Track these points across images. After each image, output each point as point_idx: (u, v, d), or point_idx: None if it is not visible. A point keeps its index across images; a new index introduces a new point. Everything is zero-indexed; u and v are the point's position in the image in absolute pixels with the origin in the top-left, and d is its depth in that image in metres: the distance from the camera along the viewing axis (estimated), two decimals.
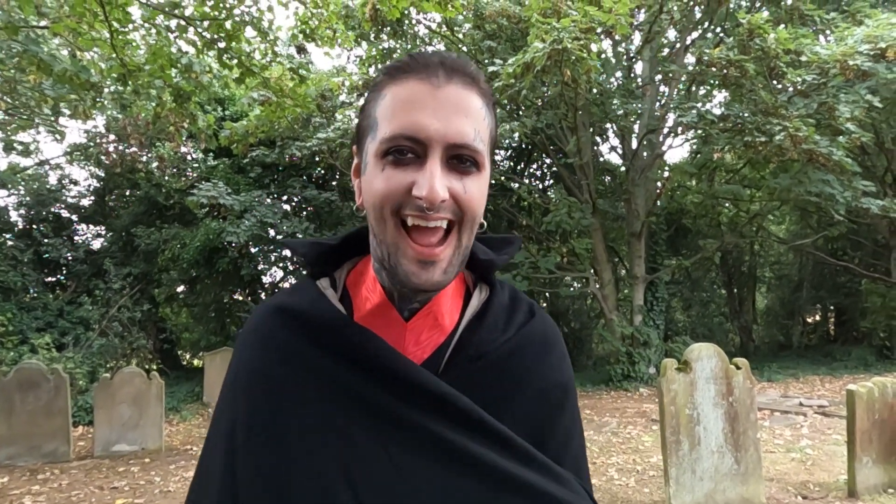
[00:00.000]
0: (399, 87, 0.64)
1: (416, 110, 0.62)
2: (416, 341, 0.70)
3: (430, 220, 0.62)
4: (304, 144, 10.47)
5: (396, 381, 0.66)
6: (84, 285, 11.69)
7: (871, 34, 7.61)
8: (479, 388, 0.69)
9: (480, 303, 0.75)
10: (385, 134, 0.63)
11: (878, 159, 13.09)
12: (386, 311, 0.70)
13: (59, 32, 5.08)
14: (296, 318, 0.70)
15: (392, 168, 0.63)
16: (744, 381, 4.10)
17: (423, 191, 0.60)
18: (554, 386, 0.74)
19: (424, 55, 0.65)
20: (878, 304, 13.31)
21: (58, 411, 6.38)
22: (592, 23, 7.12)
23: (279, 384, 0.67)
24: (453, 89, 0.63)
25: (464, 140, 0.62)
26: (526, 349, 0.73)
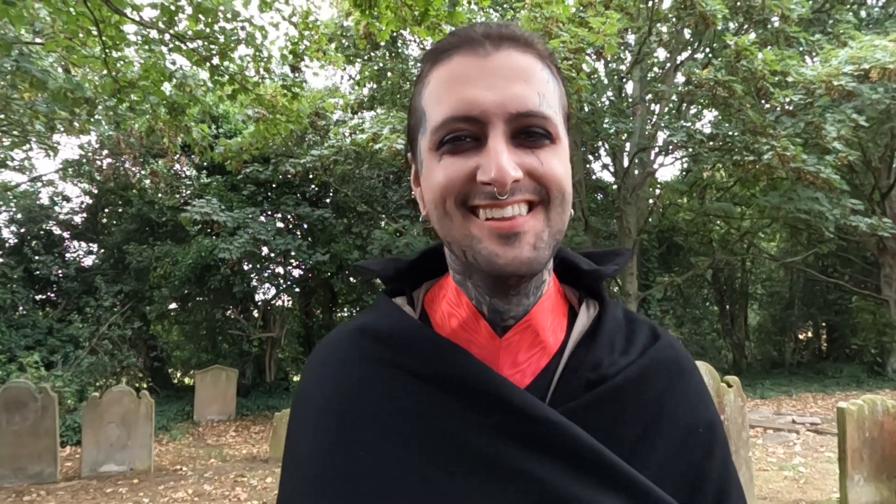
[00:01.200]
0: (442, 66, 0.55)
1: (464, 86, 0.53)
2: (512, 362, 0.58)
3: (505, 205, 0.52)
4: (297, 161, 10.51)
5: (496, 409, 0.53)
6: (74, 303, 11.59)
7: (855, 55, 7.76)
8: (603, 423, 0.55)
9: (590, 319, 0.63)
10: (435, 122, 0.54)
11: (865, 177, 13.27)
12: (475, 324, 0.58)
13: (53, 50, 5.11)
14: (374, 338, 0.60)
15: (450, 157, 0.53)
16: (735, 398, 4.10)
17: (490, 173, 0.50)
18: (701, 423, 0.60)
19: (466, 28, 0.55)
20: (869, 321, 13.38)
21: (45, 431, 6.28)
22: (582, 43, 7.23)
23: (352, 420, 0.56)
24: (504, 55, 0.53)
25: (527, 107, 0.52)
26: (659, 375, 0.60)
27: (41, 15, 5.48)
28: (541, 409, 0.53)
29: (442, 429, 0.53)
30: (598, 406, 0.56)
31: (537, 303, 0.59)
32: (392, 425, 0.54)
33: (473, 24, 0.56)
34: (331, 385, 0.60)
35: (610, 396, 0.56)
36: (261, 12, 5.60)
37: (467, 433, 0.53)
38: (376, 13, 4.89)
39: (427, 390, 0.55)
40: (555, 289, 0.63)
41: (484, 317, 0.58)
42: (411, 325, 0.60)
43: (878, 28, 10.68)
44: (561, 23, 7.34)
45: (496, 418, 0.53)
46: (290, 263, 12.72)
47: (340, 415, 0.57)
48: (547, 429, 0.52)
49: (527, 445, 0.52)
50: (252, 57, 5.84)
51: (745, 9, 9.18)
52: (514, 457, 0.52)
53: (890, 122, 10.92)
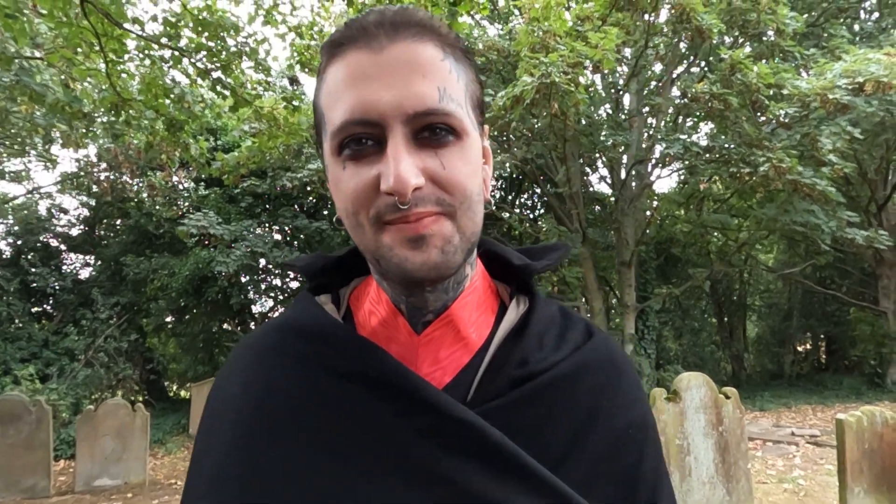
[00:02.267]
0: (337, 63, 0.51)
1: (360, 85, 0.49)
2: (433, 360, 0.56)
3: (410, 218, 0.49)
4: (295, 175, 10.53)
5: (412, 409, 0.51)
6: (70, 315, 11.54)
7: (849, 69, 7.83)
8: (529, 423, 0.53)
9: (519, 315, 0.60)
10: (334, 125, 0.51)
11: (861, 189, 13.33)
12: (393, 322, 0.57)
13: (54, 63, 5.14)
14: (295, 335, 0.58)
15: (353, 165, 0.51)
16: (733, 410, 4.09)
17: (388, 181, 0.47)
18: (634, 423, 0.58)
19: (360, 18, 0.52)
20: (867, 332, 13.38)
21: (39, 444, 6.23)
22: (580, 57, 7.29)
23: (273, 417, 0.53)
24: (400, 47, 0.50)
25: (426, 105, 0.49)
26: (593, 374, 0.57)
27: (42, 30, 5.52)
28: (456, 409, 0.51)
29: (359, 428, 0.52)
30: (523, 405, 0.53)
31: (458, 297, 0.57)
32: (309, 422, 0.52)
33: (368, 11, 0.52)
34: (244, 381, 0.57)
35: (537, 395, 0.54)
36: (265, 26, 5.65)
37: (383, 432, 0.51)
38: None
39: (346, 388, 0.53)
40: (484, 285, 0.61)
41: (403, 314, 0.56)
42: (329, 323, 0.57)
43: (872, 42, 10.79)
44: (559, 37, 7.40)
45: (412, 418, 0.51)
46: (287, 276, 12.71)
47: (257, 409, 0.54)
48: (462, 429, 0.50)
49: (442, 446, 0.50)
50: (255, 69, 5.88)
51: (740, 23, 9.26)
52: (429, 457, 0.50)
53: (885, 134, 11.00)
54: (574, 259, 11.74)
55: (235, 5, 5.49)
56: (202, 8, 5.13)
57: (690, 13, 8.21)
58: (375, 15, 0.51)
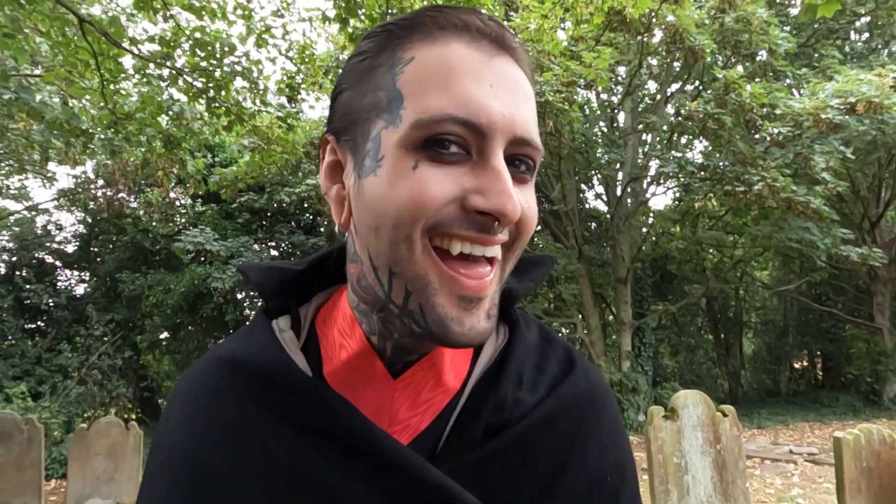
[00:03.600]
0: (434, 47, 0.44)
1: (470, 83, 0.42)
2: (411, 403, 0.50)
3: (488, 244, 0.43)
4: (292, 190, 10.57)
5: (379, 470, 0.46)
6: (65, 332, 11.46)
7: (841, 89, 7.95)
8: (502, 476, 0.48)
9: (497, 349, 0.55)
10: (422, 113, 0.42)
11: (854, 207, 13.43)
12: (369, 362, 0.50)
13: (52, 81, 5.17)
14: (244, 375, 0.50)
15: (432, 166, 0.42)
16: (731, 428, 4.07)
17: (494, 200, 0.41)
18: (611, 467, 0.54)
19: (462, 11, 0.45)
20: (863, 349, 13.38)
21: (30, 464, 6.14)
22: (574, 77, 7.37)
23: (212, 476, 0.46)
24: (506, 62, 0.45)
25: (530, 134, 0.44)
26: (568, 416, 0.53)
27: (42, 49, 5.56)
28: (427, 473, 0.45)
29: (320, 489, 0.45)
30: (497, 458, 0.49)
31: None
32: (263, 482, 0.46)
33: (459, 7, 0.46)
34: (189, 432, 0.49)
35: (510, 445, 0.49)
36: (257, 48, 5.70)
37: (347, 495, 0.45)
38: None
39: (306, 442, 0.47)
40: None
41: (379, 353, 0.50)
42: (286, 368, 0.49)
43: (862, 62, 10.96)
44: (553, 56, 7.49)
45: (379, 480, 0.46)
46: None
47: (198, 467, 0.47)
48: (430, 493, 0.45)
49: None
50: (249, 89, 5.92)
51: (732, 43, 9.41)
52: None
53: (877, 152, 11.11)
54: (570, 276, 11.76)
55: (229, 26, 5.54)
56: (196, 28, 5.18)
57: (683, 34, 8.34)
58: (475, 16, 0.45)
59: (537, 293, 12.58)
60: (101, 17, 4.86)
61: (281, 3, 5.52)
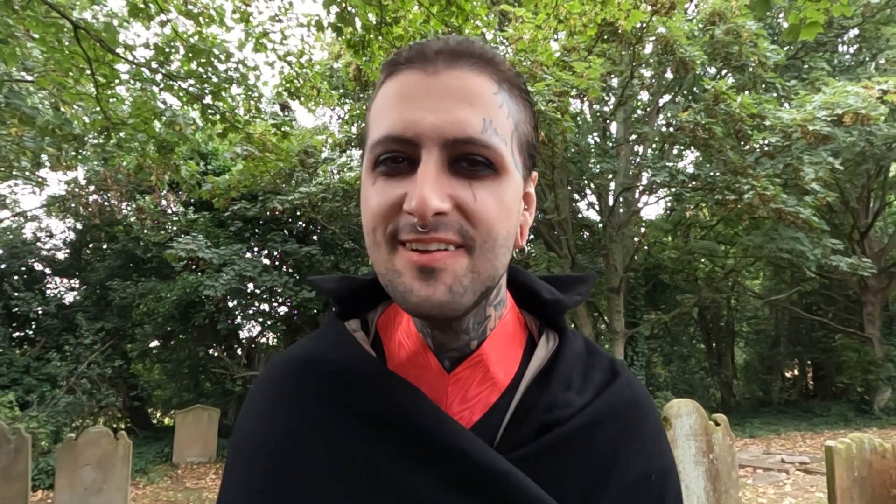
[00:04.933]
0: (391, 82, 0.51)
1: (406, 103, 0.49)
2: (462, 398, 0.54)
3: (428, 241, 0.47)
4: (285, 199, 10.55)
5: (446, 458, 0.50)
6: (54, 340, 11.34)
7: (828, 101, 8.04)
8: (553, 472, 0.52)
9: (548, 353, 0.59)
10: (373, 139, 0.50)
11: (844, 217, 13.57)
12: (422, 358, 0.55)
13: (45, 86, 5.16)
14: (318, 373, 0.56)
15: (384, 181, 0.49)
16: (723, 437, 4.08)
17: (411, 202, 0.46)
18: (656, 471, 0.57)
19: (426, 42, 0.51)
20: (854, 359, 13.46)
21: (17, 475, 6.05)
22: (566, 87, 7.43)
23: (289, 465, 0.52)
24: (455, 74, 0.49)
25: (466, 132, 0.47)
26: (615, 419, 0.56)
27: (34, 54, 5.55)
28: (492, 460, 0.50)
29: (387, 476, 0.50)
30: (549, 454, 0.52)
31: (488, 337, 0.56)
32: (333, 471, 0.51)
33: (435, 37, 0.53)
34: (268, 426, 0.55)
35: (562, 442, 0.53)
36: (255, 53, 5.71)
37: (414, 481, 0.49)
38: (369, 54, 5.00)
39: (374, 433, 0.52)
40: (513, 317, 0.60)
41: (431, 349, 0.55)
42: (360, 359, 0.55)
43: (850, 74, 11.11)
44: (546, 66, 7.54)
45: (446, 467, 0.50)
46: (276, 300, 12.62)
47: (277, 459, 0.52)
48: (498, 481, 0.49)
49: (476, 497, 0.49)
50: (244, 96, 5.92)
51: (723, 55, 9.51)
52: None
53: (865, 164, 11.25)
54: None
55: (226, 31, 5.55)
56: (193, 33, 5.18)
57: (674, 45, 8.43)
58: (439, 42, 0.51)
59: None
60: (94, 22, 4.86)
61: (279, 9, 5.53)
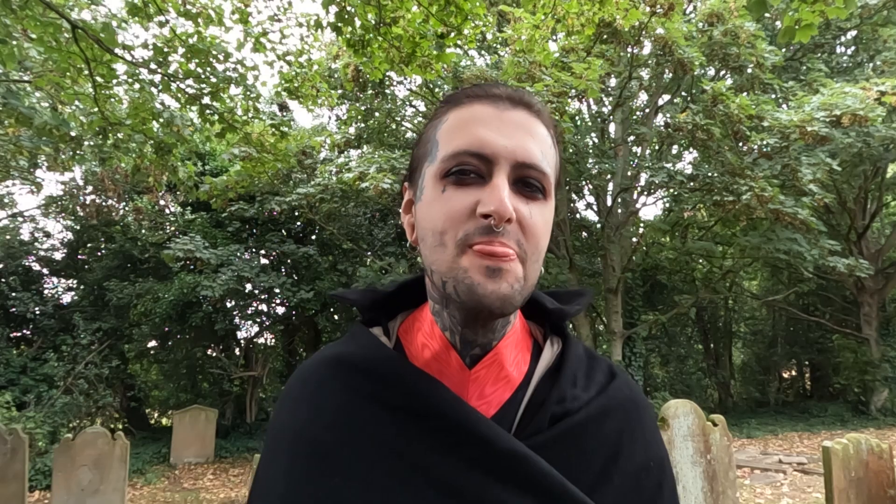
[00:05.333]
0: (462, 109, 0.60)
1: (482, 127, 0.57)
2: (480, 394, 0.60)
3: (496, 243, 0.54)
4: (283, 199, 10.53)
5: (468, 442, 0.56)
6: (51, 341, 11.31)
7: (826, 102, 8.06)
8: (565, 457, 0.57)
9: (554, 355, 0.67)
10: (447, 151, 0.58)
11: (841, 218, 13.60)
12: (446, 356, 0.61)
13: (42, 87, 5.14)
14: (349, 369, 0.62)
15: (454, 188, 0.56)
16: (721, 438, 4.08)
17: (490, 205, 0.54)
18: (655, 460, 0.63)
19: (489, 85, 0.62)
20: (851, 359, 13.49)
21: (13, 476, 6.03)
22: (564, 87, 7.43)
23: (326, 451, 0.58)
24: (520, 114, 0.59)
25: (532, 159, 0.57)
26: (617, 413, 0.63)
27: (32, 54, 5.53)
28: (511, 443, 0.55)
29: (414, 460, 0.56)
30: (561, 440, 0.59)
31: (503, 338, 0.62)
32: (366, 456, 0.56)
33: (496, 83, 0.63)
34: (305, 416, 0.61)
35: (572, 431, 0.59)
36: (254, 52, 5.69)
37: (439, 464, 0.55)
38: (369, 53, 4.99)
39: (401, 421, 0.58)
40: (521, 325, 0.67)
41: (455, 348, 0.61)
42: (387, 356, 0.62)
43: (848, 76, 11.14)
44: (544, 67, 7.55)
45: (468, 450, 0.55)
46: (273, 301, 12.60)
47: (315, 445, 0.58)
48: (517, 462, 0.55)
49: (497, 478, 0.55)
50: (242, 96, 5.91)
51: (721, 56, 9.53)
52: (484, 488, 0.54)
53: (862, 165, 11.27)
54: (561, 285, 11.79)
55: (225, 31, 5.55)
56: (191, 33, 5.17)
57: (673, 46, 8.44)
58: (503, 88, 0.61)
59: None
60: (92, 22, 4.85)
61: (278, 8, 5.52)
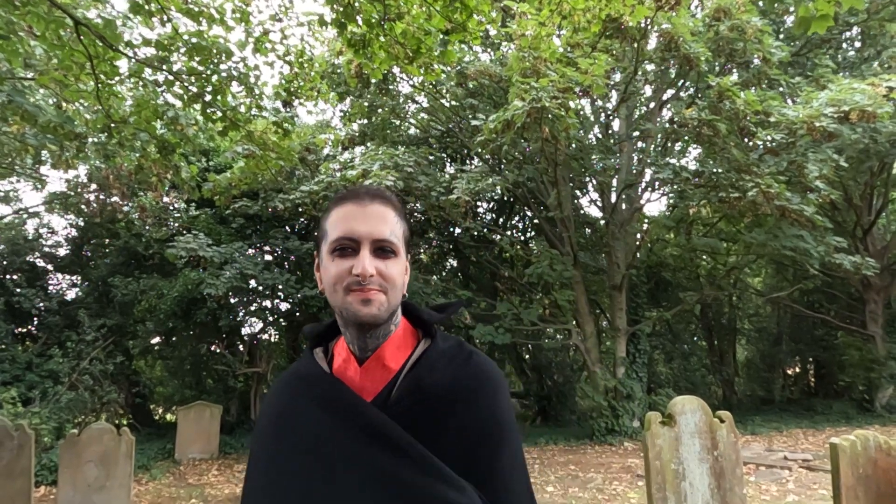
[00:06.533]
0: (340, 208, 0.93)
1: (350, 221, 0.91)
2: (371, 379, 0.93)
3: (365, 289, 0.88)
4: (287, 196, 10.52)
5: (353, 417, 0.89)
6: (56, 337, 11.35)
7: (834, 98, 7.99)
8: (418, 418, 0.88)
9: (422, 350, 0.97)
10: (333, 237, 0.91)
11: (847, 214, 13.52)
12: (349, 360, 0.95)
13: (46, 84, 5.13)
14: (296, 378, 0.99)
15: (339, 259, 0.90)
16: (728, 434, 4.06)
17: (357, 268, 0.88)
18: (486, 419, 0.90)
19: (356, 187, 0.96)
20: (856, 357, 13.43)
21: (20, 472, 6.05)
22: (570, 83, 7.39)
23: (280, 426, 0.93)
24: (375, 206, 0.92)
25: (382, 236, 0.90)
26: (461, 384, 0.92)
27: (37, 52, 5.52)
28: (380, 418, 0.87)
29: (326, 434, 0.88)
30: (416, 408, 0.89)
31: (385, 342, 0.95)
32: (299, 433, 0.90)
33: (360, 186, 0.99)
34: (270, 411, 0.97)
35: (424, 401, 0.90)
36: (255, 53, 5.67)
37: (340, 436, 0.88)
38: (370, 53, 4.97)
39: (320, 409, 0.91)
40: (406, 331, 0.99)
41: (354, 355, 0.95)
42: (314, 369, 0.97)
43: (854, 71, 11.06)
44: (549, 63, 7.51)
45: (355, 425, 0.87)
46: (277, 297, 12.61)
47: (275, 429, 0.93)
48: (384, 430, 0.86)
49: (371, 440, 0.86)
50: (245, 93, 5.89)
51: (727, 51, 9.46)
52: (363, 449, 0.86)
53: (869, 161, 11.20)
54: (566, 282, 11.76)
55: (227, 31, 5.52)
56: (194, 33, 5.15)
57: (678, 41, 8.38)
58: (364, 188, 0.94)
59: (532, 300, 12.56)
60: (96, 20, 4.83)
61: (279, 8, 5.50)
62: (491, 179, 9.67)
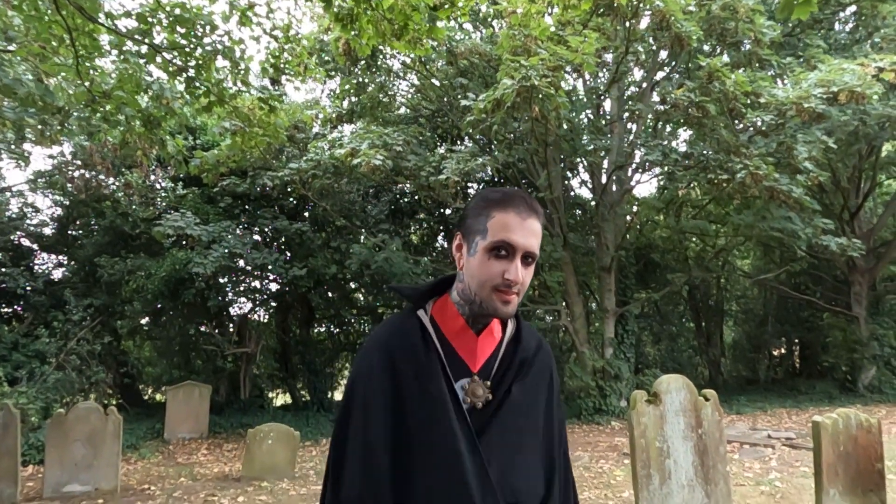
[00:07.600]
0: (502, 214, 1.06)
1: (510, 232, 1.05)
2: (482, 347, 1.13)
3: (508, 292, 1.05)
4: (276, 175, 10.41)
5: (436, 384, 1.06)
6: (42, 317, 11.24)
7: (823, 79, 7.97)
8: (525, 380, 1.13)
9: (514, 326, 1.20)
10: (494, 239, 1.05)
11: (835, 197, 13.60)
12: (465, 330, 1.13)
13: (24, 57, 5.00)
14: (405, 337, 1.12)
15: (494, 260, 1.05)
16: (712, 413, 4.11)
17: (510, 275, 1.04)
18: (557, 378, 1.24)
19: (513, 195, 1.09)
20: (840, 337, 13.63)
21: (6, 451, 6.03)
22: (560, 61, 7.31)
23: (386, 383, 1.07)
24: (532, 221, 1.07)
25: (532, 249, 1.06)
26: (544, 352, 1.21)
27: (15, 23, 5.37)
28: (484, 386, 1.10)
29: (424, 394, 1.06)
30: (524, 373, 1.13)
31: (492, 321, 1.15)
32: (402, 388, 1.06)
33: (516, 192, 1.10)
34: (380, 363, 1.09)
35: (527, 366, 1.15)
36: (240, 26, 5.54)
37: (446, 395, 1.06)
38: (357, 28, 4.88)
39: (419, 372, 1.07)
40: None
41: (469, 325, 1.14)
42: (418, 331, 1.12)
43: (846, 52, 11.03)
44: (540, 41, 7.42)
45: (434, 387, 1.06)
46: (266, 277, 12.55)
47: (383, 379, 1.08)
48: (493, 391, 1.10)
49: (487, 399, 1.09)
50: (230, 69, 5.77)
51: (718, 31, 9.40)
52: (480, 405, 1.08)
53: (857, 143, 11.24)
54: (555, 264, 11.78)
55: (211, 3, 5.39)
56: (176, 3, 5.02)
57: (670, 20, 8.30)
58: (521, 197, 1.08)
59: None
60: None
61: None
62: (481, 160, 9.61)
